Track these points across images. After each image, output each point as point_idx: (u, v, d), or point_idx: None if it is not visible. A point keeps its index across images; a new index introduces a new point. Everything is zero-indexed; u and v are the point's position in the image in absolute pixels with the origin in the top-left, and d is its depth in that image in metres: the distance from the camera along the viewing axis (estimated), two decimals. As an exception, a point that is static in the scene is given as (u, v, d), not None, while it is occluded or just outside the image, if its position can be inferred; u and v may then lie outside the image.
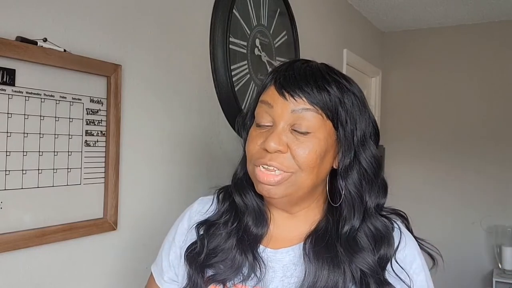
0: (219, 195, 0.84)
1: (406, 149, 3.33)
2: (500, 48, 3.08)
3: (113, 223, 1.13)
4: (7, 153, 0.91)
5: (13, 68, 0.91)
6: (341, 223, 0.74)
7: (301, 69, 0.73)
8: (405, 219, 0.80)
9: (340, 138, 0.72)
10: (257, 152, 0.72)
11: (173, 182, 1.36)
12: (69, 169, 1.03)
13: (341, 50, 2.67)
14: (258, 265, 0.73)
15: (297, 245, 0.75)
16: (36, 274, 0.98)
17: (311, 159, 0.70)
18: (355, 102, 0.73)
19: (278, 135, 0.70)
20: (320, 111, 0.70)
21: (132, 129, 1.20)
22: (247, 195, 0.79)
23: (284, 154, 0.70)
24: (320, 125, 0.71)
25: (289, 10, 1.93)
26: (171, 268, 0.83)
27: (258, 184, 0.73)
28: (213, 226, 0.79)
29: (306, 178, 0.71)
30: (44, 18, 0.98)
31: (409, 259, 0.74)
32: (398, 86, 3.41)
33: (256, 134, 0.74)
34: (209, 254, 0.76)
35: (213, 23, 1.51)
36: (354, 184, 0.74)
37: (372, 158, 0.75)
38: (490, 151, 3.07)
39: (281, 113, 0.71)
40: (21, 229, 0.93)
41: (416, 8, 2.89)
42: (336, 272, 0.69)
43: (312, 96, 0.70)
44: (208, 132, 1.51)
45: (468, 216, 3.11)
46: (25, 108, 0.94)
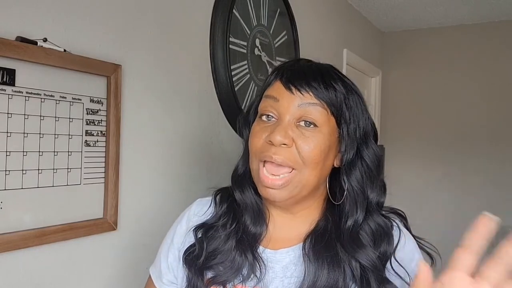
0: (216, 196, 0.83)
1: (406, 149, 3.33)
2: (500, 48, 3.08)
3: (113, 223, 1.13)
4: (7, 153, 0.91)
5: (13, 68, 0.91)
6: (343, 219, 0.74)
7: (307, 66, 0.74)
8: (404, 218, 0.80)
9: (343, 136, 0.73)
10: (261, 146, 0.72)
11: (173, 182, 1.36)
12: (69, 169, 1.03)
13: (341, 50, 2.67)
14: (258, 265, 0.73)
15: (297, 246, 0.75)
16: (36, 274, 0.98)
17: (316, 154, 0.70)
18: (358, 102, 0.75)
19: (284, 128, 0.70)
20: (326, 106, 0.71)
21: (132, 129, 1.20)
22: (246, 192, 0.79)
23: (289, 148, 0.70)
24: (325, 120, 0.71)
25: (289, 10, 1.93)
26: (170, 271, 0.82)
27: (262, 188, 0.72)
28: (211, 228, 0.79)
29: (310, 174, 0.71)
30: (44, 18, 0.98)
31: (408, 257, 0.74)
32: (398, 86, 3.41)
33: (259, 128, 0.73)
34: (208, 256, 0.75)
35: (213, 23, 1.51)
36: (357, 180, 0.74)
37: (374, 155, 0.76)
38: (490, 151, 3.07)
39: (287, 107, 0.71)
40: (21, 229, 0.93)
41: (416, 8, 2.89)
42: (336, 271, 0.69)
43: (319, 91, 0.70)
44: (208, 132, 1.51)
45: (468, 216, 3.09)
46: (25, 108, 0.94)
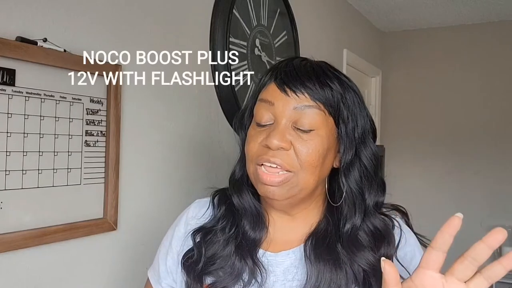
0: (214, 199, 0.82)
1: (406, 149, 3.33)
2: (500, 48, 3.08)
3: (113, 223, 1.13)
4: (7, 153, 0.91)
5: (13, 68, 0.91)
6: (341, 222, 0.72)
7: (301, 66, 0.72)
8: (405, 214, 0.79)
9: (342, 135, 0.71)
10: (258, 150, 0.70)
11: (173, 182, 1.36)
12: (69, 169, 1.03)
13: (341, 50, 2.67)
14: (259, 270, 0.71)
15: (298, 247, 0.74)
16: (36, 274, 0.98)
17: (314, 158, 0.68)
18: (355, 99, 0.73)
19: (281, 132, 0.68)
20: (322, 107, 0.69)
21: (132, 129, 1.20)
22: (245, 197, 0.77)
23: (287, 151, 0.68)
24: (322, 122, 0.69)
25: (289, 10, 1.93)
26: (169, 274, 0.81)
27: (260, 186, 0.70)
28: (210, 233, 0.77)
29: (308, 178, 0.69)
30: (44, 18, 0.98)
31: (409, 256, 0.74)
32: (398, 86, 3.41)
33: (255, 132, 0.72)
34: (207, 262, 0.74)
35: (213, 23, 1.51)
36: (355, 181, 0.73)
37: (372, 155, 0.74)
38: (490, 151, 3.07)
39: (282, 110, 0.69)
40: (21, 229, 0.93)
41: (416, 8, 2.89)
42: (339, 275, 0.68)
43: (315, 92, 0.69)
44: (208, 132, 1.51)
45: (468, 216, 3.08)
46: (25, 108, 0.94)
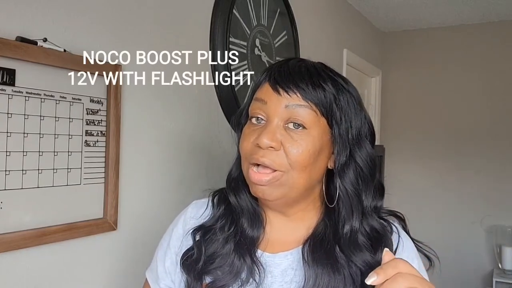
0: (213, 198, 0.82)
1: (406, 149, 3.34)
2: (500, 48, 3.08)
3: (113, 223, 1.13)
4: (7, 153, 0.91)
5: (13, 68, 0.91)
6: (340, 224, 0.72)
7: (296, 66, 0.72)
8: (402, 220, 0.79)
9: (335, 136, 0.71)
10: (250, 149, 0.71)
11: (172, 182, 1.36)
12: (69, 169, 1.03)
13: (341, 50, 2.67)
14: (257, 269, 0.72)
15: (295, 249, 0.74)
16: (36, 274, 0.98)
17: (304, 158, 0.69)
18: (351, 101, 0.73)
19: (271, 131, 0.69)
20: (314, 107, 0.69)
21: (132, 129, 1.20)
22: (242, 196, 0.77)
23: (277, 151, 0.69)
24: (314, 121, 0.69)
25: (289, 10, 1.93)
26: (167, 275, 0.81)
27: (252, 185, 0.72)
28: (209, 231, 0.77)
29: (298, 177, 0.69)
30: (44, 18, 0.98)
31: None
32: (398, 86, 3.41)
33: (249, 131, 0.73)
34: (207, 260, 0.74)
35: (213, 23, 1.51)
36: (351, 183, 0.72)
37: (367, 157, 0.74)
38: (490, 151, 3.07)
39: (274, 109, 0.70)
40: (21, 229, 0.93)
41: (416, 8, 2.89)
42: (337, 279, 0.69)
43: (307, 92, 0.69)
44: (208, 132, 1.51)
45: (468, 216, 3.11)
46: (25, 108, 0.94)
